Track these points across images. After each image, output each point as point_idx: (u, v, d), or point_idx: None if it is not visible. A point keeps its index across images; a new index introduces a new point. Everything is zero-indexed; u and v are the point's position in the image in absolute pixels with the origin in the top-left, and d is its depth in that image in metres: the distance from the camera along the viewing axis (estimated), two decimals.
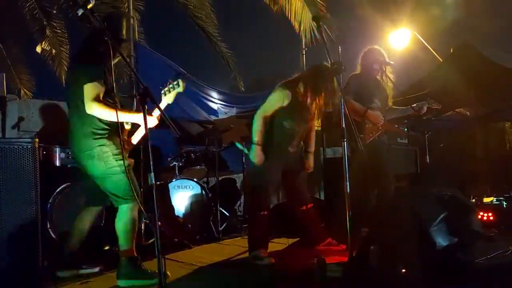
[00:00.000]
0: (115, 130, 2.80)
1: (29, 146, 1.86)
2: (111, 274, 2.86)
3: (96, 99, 2.68)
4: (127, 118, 2.79)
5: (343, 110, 2.83)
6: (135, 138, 2.96)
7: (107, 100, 2.75)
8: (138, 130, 2.94)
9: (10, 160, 1.86)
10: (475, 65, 5.50)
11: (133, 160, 3.01)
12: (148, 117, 2.71)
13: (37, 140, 1.91)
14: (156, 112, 2.81)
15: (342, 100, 2.78)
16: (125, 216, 2.80)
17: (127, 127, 2.95)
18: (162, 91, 2.86)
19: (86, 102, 2.69)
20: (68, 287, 2.74)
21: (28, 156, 1.86)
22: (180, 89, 2.84)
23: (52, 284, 2.73)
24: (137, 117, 2.80)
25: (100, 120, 2.78)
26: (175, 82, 2.83)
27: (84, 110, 2.77)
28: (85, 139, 2.79)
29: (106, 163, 2.77)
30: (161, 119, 2.78)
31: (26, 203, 2.00)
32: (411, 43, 6.76)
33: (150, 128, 2.72)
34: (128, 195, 2.78)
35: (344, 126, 2.82)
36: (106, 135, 2.80)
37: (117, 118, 2.65)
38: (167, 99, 2.87)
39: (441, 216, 2.79)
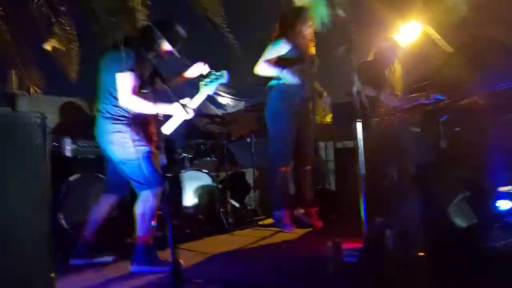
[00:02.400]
0: (135, 117, 2.81)
1: (38, 121, 1.81)
2: (125, 264, 2.84)
3: (132, 90, 2.69)
4: (161, 110, 2.78)
5: (356, 87, 2.79)
6: (167, 128, 2.94)
7: (140, 92, 2.76)
8: (169, 120, 2.88)
9: (19, 133, 1.80)
10: (489, 52, 5.41)
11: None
12: (185, 110, 2.75)
13: (47, 117, 1.87)
14: (193, 104, 2.81)
15: (356, 76, 2.73)
16: (146, 202, 2.79)
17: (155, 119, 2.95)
18: (203, 82, 2.83)
19: (121, 93, 2.71)
20: (81, 275, 2.74)
21: (37, 130, 1.82)
22: (224, 81, 2.82)
23: (65, 272, 2.72)
24: (170, 109, 2.79)
25: (119, 106, 2.78)
26: (219, 73, 2.82)
27: (107, 96, 2.81)
28: (105, 125, 2.82)
29: (125, 149, 2.78)
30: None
31: (36, 178, 1.92)
32: (421, 37, 6.67)
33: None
34: (150, 182, 2.77)
35: (359, 106, 2.78)
36: (125, 121, 2.80)
37: (153, 111, 2.73)
38: (207, 90, 2.85)
39: (460, 197, 2.75)
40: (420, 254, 2.55)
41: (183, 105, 2.76)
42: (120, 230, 3.48)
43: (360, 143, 2.75)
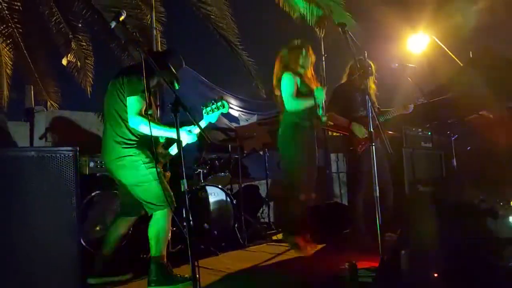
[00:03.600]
0: (145, 140, 2.87)
1: (70, 155, 1.91)
2: (142, 281, 2.90)
3: (141, 113, 2.77)
4: (169, 133, 2.84)
5: (370, 115, 2.85)
6: (174, 150, 3.02)
7: (147, 114, 2.83)
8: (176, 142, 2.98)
9: (51, 168, 1.91)
10: (497, 67, 5.44)
11: (169, 174, 3.08)
12: (187, 134, 2.86)
13: (78, 148, 1.97)
14: (195, 129, 2.88)
15: (370, 105, 2.80)
16: (159, 223, 2.84)
17: (161, 140, 3.03)
18: (204, 110, 2.91)
19: (131, 115, 2.77)
20: None
21: (69, 164, 1.92)
22: (225, 111, 2.90)
23: None
24: (175, 134, 2.87)
25: (129, 129, 2.85)
26: (219, 103, 2.88)
27: (117, 120, 2.88)
28: (115, 148, 2.86)
29: (138, 172, 2.83)
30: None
31: (66, 211, 2.04)
32: (429, 48, 6.71)
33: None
34: (162, 202, 2.82)
35: (371, 130, 2.84)
36: (135, 145, 2.86)
37: (161, 134, 2.80)
38: (209, 118, 2.92)
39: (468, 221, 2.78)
40: (435, 274, 2.57)
41: (188, 130, 2.87)
42: (137, 247, 3.55)
43: (374, 166, 2.80)
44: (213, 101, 2.91)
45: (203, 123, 2.92)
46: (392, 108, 4.19)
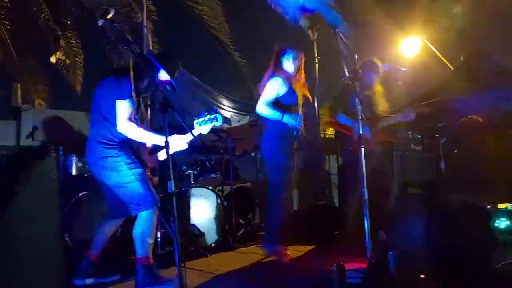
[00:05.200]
0: (127, 141, 2.85)
1: (53, 153, 1.88)
2: (130, 283, 2.87)
3: (130, 118, 2.74)
4: (156, 140, 2.82)
5: (359, 117, 2.85)
6: (162, 155, 2.99)
7: (135, 118, 2.81)
8: (163, 150, 2.95)
9: (34, 166, 1.87)
10: (487, 71, 5.50)
11: (157, 179, 3.05)
12: (179, 142, 2.85)
13: (61, 147, 1.94)
14: (187, 137, 2.86)
15: (359, 107, 2.80)
16: (144, 223, 2.81)
17: (148, 145, 3.00)
18: (196, 121, 2.89)
19: (120, 119, 2.75)
20: None
21: (52, 163, 1.89)
22: (218, 124, 2.88)
23: None
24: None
25: (111, 130, 2.82)
26: (212, 116, 2.86)
27: (100, 120, 2.85)
28: (97, 149, 2.83)
29: (120, 172, 2.80)
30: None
31: (50, 211, 2.01)
32: (421, 51, 6.76)
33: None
34: (146, 202, 2.80)
35: (361, 133, 2.84)
36: (117, 145, 2.83)
37: (149, 140, 2.79)
38: (201, 130, 2.90)
39: (458, 223, 2.80)
40: (422, 277, 2.58)
41: (179, 139, 2.86)
42: (124, 248, 3.51)
43: (363, 168, 2.80)
44: (206, 113, 2.89)
45: (195, 133, 2.87)
46: (391, 115, 4.14)
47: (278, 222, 3.57)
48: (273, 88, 3.55)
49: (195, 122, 2.89)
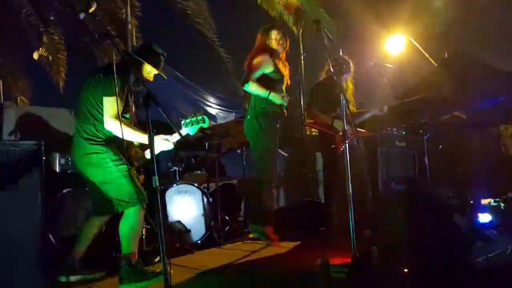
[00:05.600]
0: (113, 138, 2.84)
1: (35, 148, 1.85)
2: (115, 280, 2.84)
3: (117, 116, 2.72)
4: (143, 139, 2.81)
5: (344, 113, 2.87)
6: (149, 154, 2.97)
7: (122, 116, 2.79)
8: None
9: (15, 162, 1.85)
10: (470, 69, 5.58)
11: (143, 177, 3.03)
12: (165, 142, 2.84)
13: (43, 142, 1.91)
14: (174, 138, 2.86)
15: (343, 102, 2.82)
16: (130, 220, 2.80)
17: (135, 143, 2.98)
18: (183, 121, 2.88)
19: (107, 117, 2.74)
20: None
21: (34, 158, 1.86)
22: (205, 126, 2.87)
23: None
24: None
25: (96, 127, 2.81)
26: (199, 117, 2.85)
27: (86, 116, 2.84)
28: (82, 145, 2.82)
29: (105, 169, 2.79)
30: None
31: (31, 207, 1.98)
32: (407, 48, 6.83)
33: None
34: (132, 199, 2.79)
35: (345, 128, 2.86)
36: (103, 142, 2.82)
37: (136, 139, 2.78)
38: (187, 130, 2.88)
39: (439, 218, 2.86)
40: (405, 270, 2.62)
41: (165, 139, 2.85)
42: (109, 244, 3.48)
43: (347, 164, 2.82)
44: (193, 114, 2.88)
45: (182, 133, 2.85)
46: (367, 110, 4.26)
47: (264, 204, 3.61)
48: (259, 64, 3.59)
49: (182, 122, 2.89)
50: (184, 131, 2.89)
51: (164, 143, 2.86)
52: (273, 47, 3.72)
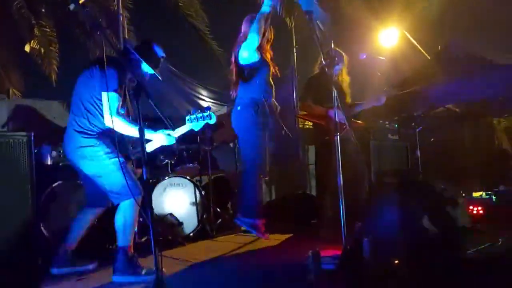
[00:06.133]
0: (106, 131, 2.83)
1: (24, 140, 1.85)
2: (107, 271, 2.85)
3: (117, 111, 2.73)
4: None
5: (335, 105, 2.87)
6: (148, 147, 2.97)
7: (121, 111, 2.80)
8: (154, 140, 2.95)
9: (4, 153, 1.84)
10: (462, 61, 5.60)
11: (140, 170, 3.03)
12: (167, 136, 2.87)
13: (32, 134, 1.90)
14: (177, 133, 2.88)
15: (335, 95, 2.82)
16: (125, 212, 2.80)
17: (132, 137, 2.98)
18: (188, 117, 2.88)
19: (107, 112, 2.73)
20: (65, 284, 2.73)
21: (24, 150, 1.85)
22: (211, 122, 2.87)
23: (47, 281, 2.71)
24: (153, 135, 2.89)
25: (89, 120, 2.81)
26: (206, 114, 2.85)
27: (80, 109, 2.84)
28: (75, 138, 2.81)
29: (99, 162, 2.79)
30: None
31: (21, 198, 1.98)
32: (400, 41, 6.83)
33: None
34: (127, 191, 2.77)
35: (336, 120, 2.86)
36: (96, 135, 2.82)
37: (134, 133, 2.75)
38: (192, 126, 2.89)
39: (431, 209, 2.87)
40: (396, 262, 2.63)
41: (167, 134, 2.87)
42: (102, 236, 3.47)
43: (338, 155, 2.83)
44: (199, 110, 2.88)
45: (185, 129, 2.90)
46: (363, 101, 4.24)
47: (255, 197, 3.63)
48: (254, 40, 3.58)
49: (186, 118, 2.89)
50: (188, 126, 2.90)
51: (166, 138, 2.87)
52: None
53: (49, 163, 3.78)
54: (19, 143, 1.86)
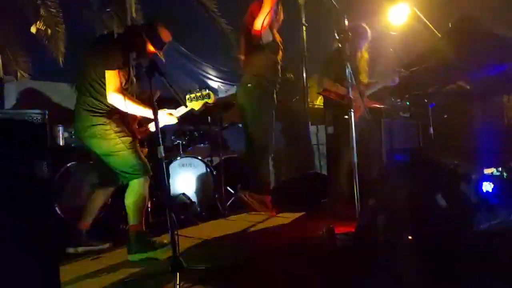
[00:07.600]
0: (115, 109, 2.82)
1: (39, 118, 1.83)
2: (122, 250, 2.89)
3: (119, 89, 2.71)
4: (146, 113, 2.80)
5: (350, 82, 2.84)
6: (153, 127, 2.96)
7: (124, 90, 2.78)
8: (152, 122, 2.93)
9: (20, 132, 1.82)
10: (474, 37, 5.47)
11: (146, 150, 3.04)
12: (168, 116, 2.86)
13: (47, 112, 1.89)
14: (178, 112, 2.87)
15: (349, 70, 2.78)
16: (135, 191, 2.82)
17: (138, 116, 2.97)
18: (188, 96, 2.85)
19: (109, 91, 2.72)
20: (80, 263, 2.78)
21: (39, 128, 1.84)
22: (210, 101, 2.85)
23: (63, 260, 2.75)
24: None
25: (98, 99, 2.80)
26: (205, 93, 2.83)
27: (88, 88, 2.83)
28: (85, 117, 2.82)
29: (109, 141, 2.79)
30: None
31: (37, 177, 1.95)
32: (410, 18, 6.68)
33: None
34: (137, 171, 2.79)
35: (351, 96, 2.83)
36: (105, 114, 2.81)
37: (138, 112, 2.78)
38: (192, 105, 2.86)
39: (445, 185, 2.85)
40: (410, 238, 2.64)
41: (169, 113, 2.86)
42: (116, 216, 3.51)
43: (353, 132, 2.80)
44: (198, 89, 2.86)
45: (184, 109, 2.88)
46: (377, 81, 4.16)
47: (261, 173, 3.66)
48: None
49: (186, 97, 2.86)
50: (189, 106, 2.87)
51: (167, 117, 2.87)
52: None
53: (61, 144, 3.80)
54: (34, 121, 1.83)
